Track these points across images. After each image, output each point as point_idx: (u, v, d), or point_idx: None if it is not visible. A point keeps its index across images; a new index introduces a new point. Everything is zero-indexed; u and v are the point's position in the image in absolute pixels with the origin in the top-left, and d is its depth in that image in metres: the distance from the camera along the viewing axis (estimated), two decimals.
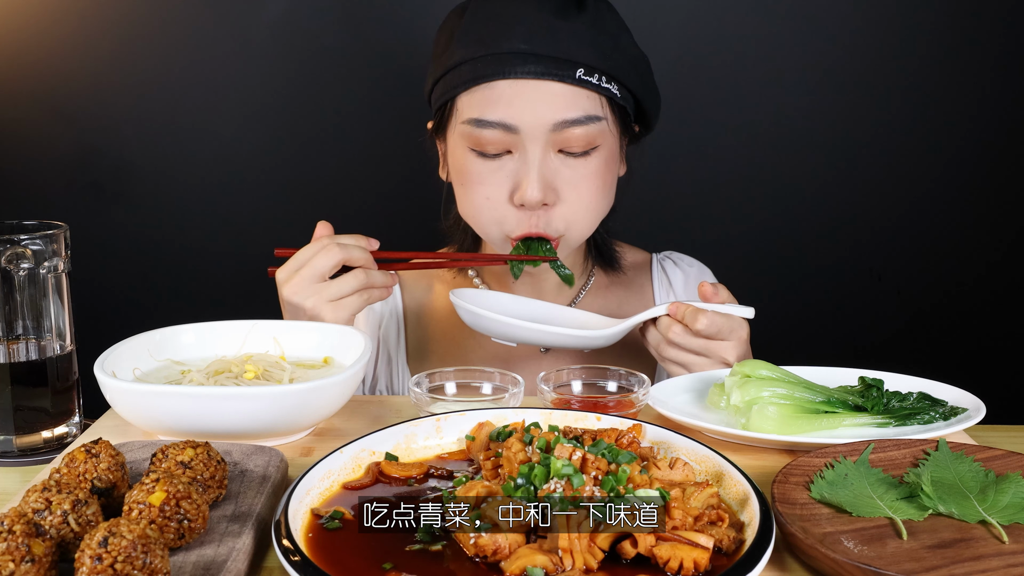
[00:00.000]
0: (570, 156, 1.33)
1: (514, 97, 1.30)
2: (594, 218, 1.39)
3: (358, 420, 1.16)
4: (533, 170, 1.31)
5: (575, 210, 1.35)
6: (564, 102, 1.30)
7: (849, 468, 0.94)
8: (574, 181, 1.34)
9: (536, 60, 1.29)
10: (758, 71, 2.13)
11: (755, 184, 2.18)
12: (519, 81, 1.30)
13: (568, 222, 1.36)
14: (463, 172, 1.37)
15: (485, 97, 1.32)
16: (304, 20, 2.10)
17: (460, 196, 1.41)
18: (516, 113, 1.30)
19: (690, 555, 0.75)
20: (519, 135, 1.31)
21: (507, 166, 1.34)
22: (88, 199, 2.15)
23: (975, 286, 2.22)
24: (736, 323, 1.27)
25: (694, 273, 1.60)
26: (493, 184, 1.34)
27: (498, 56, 1.30)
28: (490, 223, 1.37)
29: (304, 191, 2.18)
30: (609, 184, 1.39)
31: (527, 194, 1.31)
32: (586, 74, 1.30)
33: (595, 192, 1.36)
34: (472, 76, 1.32)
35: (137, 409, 1.03)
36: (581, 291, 1.54)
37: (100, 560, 0.69)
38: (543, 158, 1.32)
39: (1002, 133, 2.15)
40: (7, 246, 1.09)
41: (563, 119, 1.30)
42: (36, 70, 2.09)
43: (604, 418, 1.02)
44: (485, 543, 0.77)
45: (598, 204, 1.38)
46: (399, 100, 2.09)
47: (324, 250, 1.26)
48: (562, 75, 1.29)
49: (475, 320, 1.32)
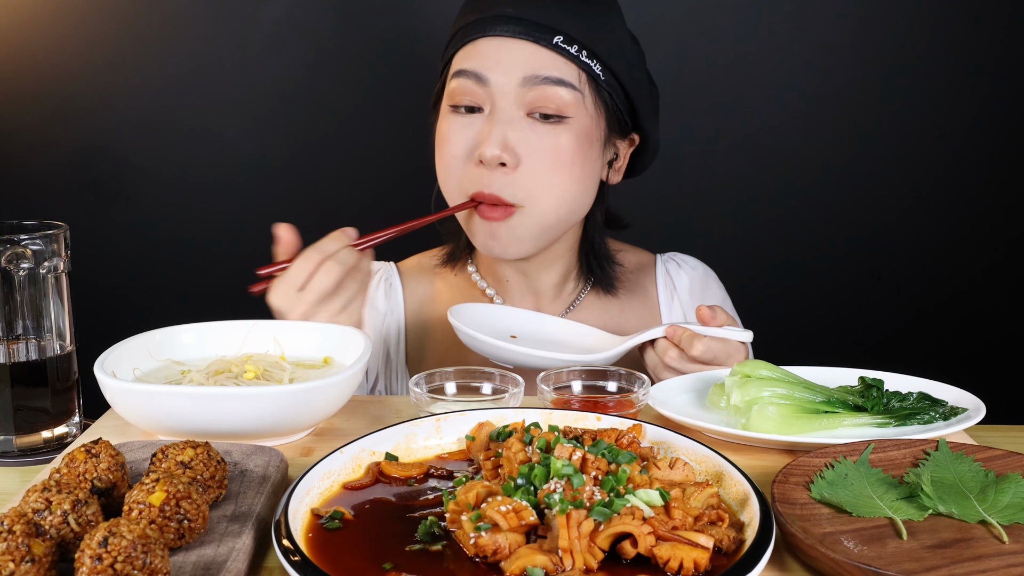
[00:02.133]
0: (538, 122, 1.33)
1: (491, 51, 1.34)
2: (556, 199, 1.35)
3: (358, 420, 1.16)
4: (496, 125, 1.33)
5: (536, 179, 1.33)
6: (538, 61, 1.33)
7: (849, 468, 0.94)
8: (539, 149, 1.33)
9: (517, 22, 1.33)
10: (758, 71, 2.13)
11: (755, 184, 2.18)
12: (497, 39, 1.34)
13: (528, 192, 1.34)
14: (439, 134, 1.40)
15: (467, 53, 1.36)
16: (304, 20, 2.10)
17: (437, 164, 1.42)
18: (490, 65, 1.33)
19: (690, 555, 0.75)
20: (489, 88, 1.33)
21: (475, 124, 1.35)
22: (88, 199, 2.15)
23: (975, 286, 2.22)
24: (733, 348, 1.26)
25: (699, 276, 1.59)
26: (460, 141, 1.36)
27: (484, 19, 1.35)
28: (454, 184, 1.38)
29: (304, 191, 2.18)
30: (579, 167, 1.35)
31: (485, 150, 1.32)
32: (565, 42, 1.32)
33: (561, 167, 1.33)
34: (463, 37, 1.37)
35: (137, 409, 1.03)
36: (581, 293, 1.53)
37: (100, 560, 0.69)
38: (510, 117, 1.33)
39: (1002, 133, 2.15)
40: (7, 246, 1.09)
41: (533, 74, 1.32)
42: (36, 70, 2.09)
43: (604, 418, 1.02)
44: (485, 543, 0.77)
45: (563, 182, 1.34)
46: (399, 100, 2.10)
47: (323, 270, 1.23)
48: (538, 37, 1.32)
49: (473, 343, 1.32)
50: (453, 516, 0.82)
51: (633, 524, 0.77)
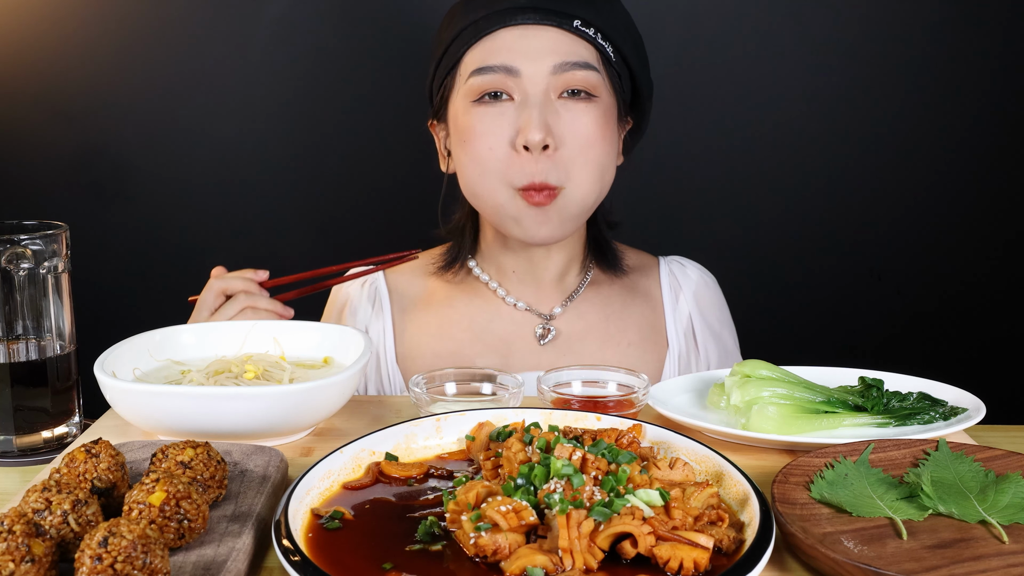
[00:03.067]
0: (571, 100, 1.36)
1: (515, 42, 1.35)
2: (594, 176, 1.38)
3: (358, 420, 1.16)
4: (535, 110, 1.33)
5: (574, 158, 1.35)
6: (564, 47, 1.35)
7: (849, 468, 0.94)
8: (574, 125, 1.35)
9: (535, 10, 1.35)
10: (758, 71, 2.13)
11: (755, 184, 2.18)
12: (519, 28, 1.35)
13: (568, 172, 1.36)
14: (465, 129, 1.38)
15: (487, 48, 1.36)
16: (304, 20, 2.10)
17: (464, 163, 1.40)
18: (518, 56, 1.34)
19: (690, 555, 0.75)
20: (520, 79, 1.34)
21: (508, 112, 1.36)
22: (88, 199, 2.15)
23: (975, 286, 2.21)
24: None
25: (705, 282, 1.59)
26: (495, 132, 1.36)
27: (499, 12, 1.36)
28: (494, 176, 1.37)
29: (304, 191, 2.18)
30: (609, 142, 1.39)
31: (530, 135, 1.32)
32: (583, 25, 1.35)
33: (596, 141, 1.37)
34: (475, 33, 1.37)
35: (137, 409, 1.03)
36: (580, 286, 1.54)
37: (100, 560, 0.69)
38: (545, 100, 1.35)
39: (1002, 133, 2.15)
40: (7, 246, 1.09)
41: (563, 60, 1.34)
42: (36, 70, 2.09)
43: (604, 418, 1.02)
44: (485, 543, 0.77)
45: (597, 159, 1.37)
46: (399, 100, 2.10)
47: (207, 287, 1.36)
48: (560, 22, 1.34)
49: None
50: (453, 516, 0.82)
51: (633, 524, 0.77)
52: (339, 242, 2.19)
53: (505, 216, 1.39)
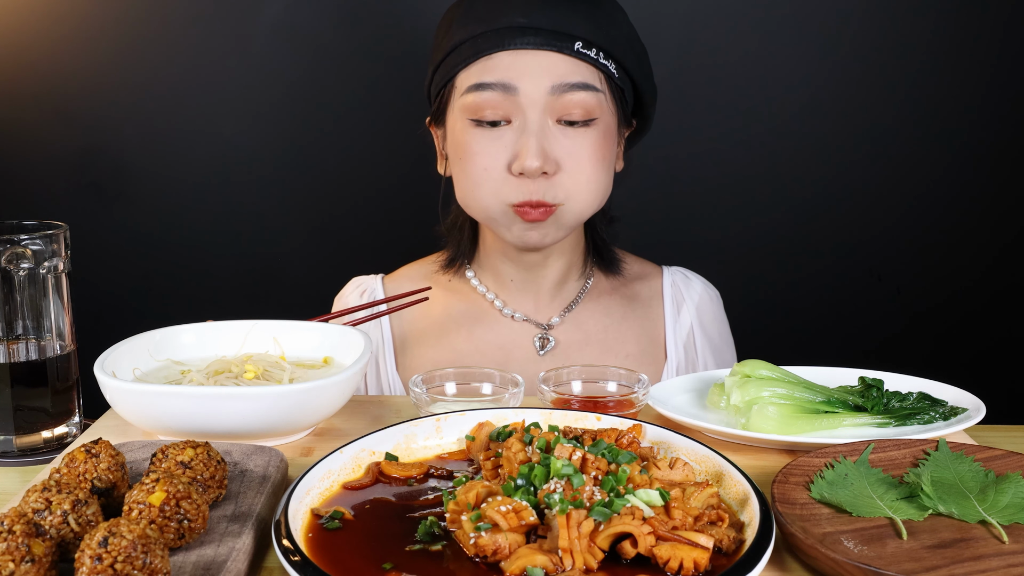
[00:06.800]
0: (569, 126, 1.34)
1: (513, 63, 1.33)
2: (593, 194, 1.38)
3: (358, 420, 1.16)
4: (532, 137, 1.32)
5: (575, 180, 1.35)
6: (562, 70, 1.33)
7: (849, 468, 0.94)
8: (573, 151, 1.34)
9: (535, 32, 1.32)
10: (758, 71, 2.13)
11: (755, 184, 2.18)
12: (518, 52, 1.32)
13: (568, 192, 1.35)
14: (461, 146, 1.37)
15: (484, 67, 1.34)
16: (304, 20, 2.10)
17: (458, 176, 1.40)
18: (515, 76, 1.32)
19: (690, 555, 0.75)
20: (518, 99, 1.32)
21: (506, 136, 1.34)
22: (88, 199, 2.15)
23: (975, 286, 2.22)
24: None
25: (708, 297, 1.58)
26: (491, 154, 1.35)
27: (497, 31, 1.33)
28: (488, 194, 1.36)
29: (304, 191, 2.18)
30: (608, 162, 1.39)
31: (526, 162, 1.31)
32: (584, 47, 1.33)
33: (595, 164, 1.36)
34: (473, 52, 1.34)
35: (137, 409, 1.03)
36: (580, 294, 1.53)
37: (100, 560, 0.69)
38: (542, 125, 1.33)
39: (1002, 133, 2.15)
40: (7, 246, 1.09)
41: (561, 83, 1.32)
42: (36, 70, 2.09)
43: (604, 418, 1.02)
44: (485, 543, 0.77)
45: (598, 178, 1.37)
46: (399, 100, 2.10)
47: None
48: (560, 46, 1.32)
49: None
50: (453, 516, 0.82)
51: (633, 524, 0.77)
52: (339, 242, 2.19)
53: (498, 225, 1.40)
